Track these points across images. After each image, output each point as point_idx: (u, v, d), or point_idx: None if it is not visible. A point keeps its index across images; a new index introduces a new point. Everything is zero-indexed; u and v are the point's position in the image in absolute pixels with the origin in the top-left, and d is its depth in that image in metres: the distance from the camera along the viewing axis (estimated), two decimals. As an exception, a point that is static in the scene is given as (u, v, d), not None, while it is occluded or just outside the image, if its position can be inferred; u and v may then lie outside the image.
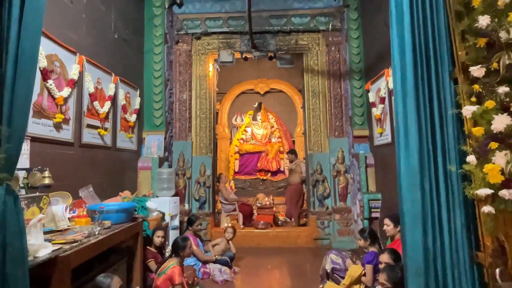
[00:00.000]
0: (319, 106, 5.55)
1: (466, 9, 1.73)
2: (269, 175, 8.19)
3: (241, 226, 5.93)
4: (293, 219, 6.09)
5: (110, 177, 4.14)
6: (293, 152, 6.62)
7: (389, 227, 3.07)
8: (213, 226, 5.58)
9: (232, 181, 8.07)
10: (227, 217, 6.14)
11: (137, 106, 4.91)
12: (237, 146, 8.59)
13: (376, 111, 4.56)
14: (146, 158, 5.06)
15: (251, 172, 8.29)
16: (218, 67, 5.97)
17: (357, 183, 4.98)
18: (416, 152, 1.71)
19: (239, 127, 8.97)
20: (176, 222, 4.68)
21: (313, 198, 5.42)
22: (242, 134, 8.80)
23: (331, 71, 5.54)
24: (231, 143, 8.85)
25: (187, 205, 5.38)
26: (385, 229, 3.11)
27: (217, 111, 8.52)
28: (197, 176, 5.49)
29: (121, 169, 4.50)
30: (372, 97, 4.71)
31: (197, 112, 5.66)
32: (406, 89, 1.73)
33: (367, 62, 5.14)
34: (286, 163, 8.15)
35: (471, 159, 1.66)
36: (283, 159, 8.38)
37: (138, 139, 5.00)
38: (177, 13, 5.59)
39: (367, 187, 4.85)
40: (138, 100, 4.95)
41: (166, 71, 5.35)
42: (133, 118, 4.74)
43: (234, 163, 8.49)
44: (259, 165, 8.20)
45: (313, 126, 5.54)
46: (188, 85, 5.65)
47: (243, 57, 5.53)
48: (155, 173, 4.88)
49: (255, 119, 8.83)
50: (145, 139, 5.16)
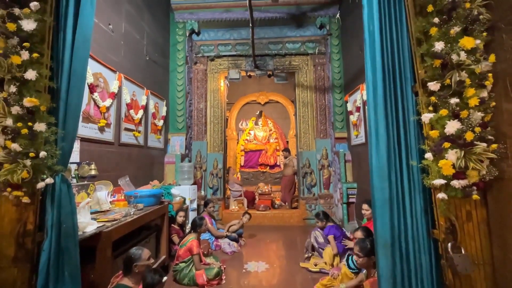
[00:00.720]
0: (308, 113, 5.54)
1: (425, 37, 1.73)
2: (268, 168, 8.18)
3: (246, 208, 5.93)
4: (287, 203, 6.08)
5: (142, 169, 4.16)
6: (287, 150, 6.61)
7: (368, 211, 3.05)
8: (223, 208, 5.58)
9: (238, 173, 8.06)
10: (235, 201, 6.15)
11: (164, 113, 4.92)
12: (243, 145, 8.58)
13: (353, 118, 4.55)
14: (171, 154, 5.08)
15: (253, 166, 8.28)
16: (228, 82, 5.97)
17: (338, 175, 4.97)
18: (384, 150, 1.71)
19: (244, 130, 8.95)
20: (194, 205, 4.70)
21: (303, 186, 5.41)
22: (246, 136, 8.79)
23: (317, 86, 5.53)
24: (238, 143, 8.85)
25: (203, 192, 5.38)
26: (364, 213, 3.10)
27: (227, 118, 8.52)
28: (211, 169, 5.49)
29: (151, 163, 4.53)
30: (350, 107, 4.69)
31: (211, 118, 5.66)
32: (377, 100, 1.72)
33: (346, 78, 5.12)
34: (281, 159, 8.13)
35: (429, 156, 1.66)
36: (279, 155, 8.37)
37: (164, 139, 5.02)
38: (196, 40, 5.60)
39: (345, 178, 4.84)
40: (164, 108, 4.96)
41: (186, 86, 5.35)
42: (160, 123, 4.75)
43: (240, 158, 8.48)
44: (260, 160, 8.19)
45: (303, 129, 5.53)
46: (204, 97, 5.65)
47: (248, 75, 5.53)
48: (178, 167, 4.90)
49: (257, 124, 8.82)
50: (170, 139, 5.17)
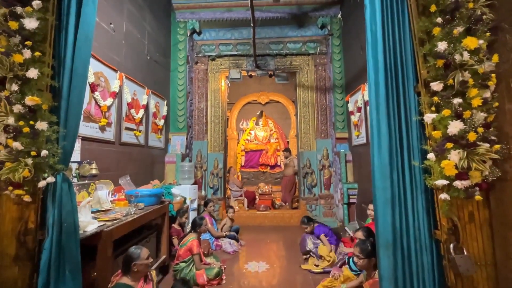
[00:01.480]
0: (309, 114, 5.53)
1: (427, 37, 1.72)
2: (269, 168, 8.18)
3: (246, 208, 5.93)
4: (287, 203, 6.08)
5: (143, 169, 4.17)
6: (287, 150, 6.61)
7: (373, 212, 3.06)
8: (224, 208, 5.58)
9: (239, 173, 8.06)
10: (235, 201, 6.15)
11: (165, 113, 4.92)
12: (243, 145, 8.59)
13: (354, 118, 4.55)
14: (171, 154, 5.08)
15: (254, 166, 8.29)
16: (228, 82, 5.96)
17: (338, 175, 4.97)
18: (386, 150, 1.71)
19: (245, 130, 8.95)
20: (195, 205, 4.70)
21: (303, 187, 5.41)
22: (247, 135, 8.79)
23: (318, 86, 5.53)
24: (238, 142, 8.85)
25: (203, 192, 5.38)
26: (370, 213, 3.11)
27: (228, 117, 8.52)
28: (211, 168, 5.49)
29: (152, 163, 4.53)
30: (351, 107, 4.69)
31: (211, 118, 5.66)
32: (379, 100, 1.72)
33: (347, 79, 5.12)
34: (282, 159, 8.13)
35: (431, 156, 1.65)
36: (279, 155, 8.37)
37: (165, 139, 5.02)
38: (197, 39, 5.60)
39: (346, 178, 4.84)
40: (165, 108, 4.96)
41: (187, 86, 5.35)
42: (161, 122, 4.75)
43: (241, 158, 8.49)
44: (260, 160, 8.20)
45: (303, 129, 5.52)
46: (205, 96, 5.65)
47: (249, 74, 5.53)
48: (179, 166, 4.89)
49: (257, 124, 8.82)
50: (170, 139, 5.17)
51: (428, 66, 1.73)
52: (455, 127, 1.61)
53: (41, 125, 1.62)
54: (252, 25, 4.18)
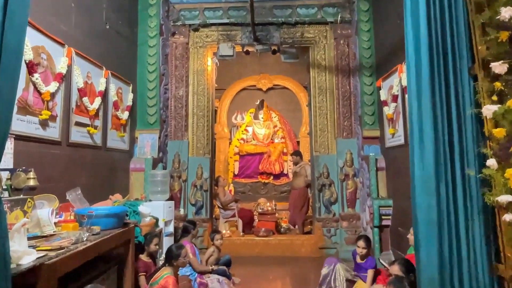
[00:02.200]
0: (326, 104, 5.54)
1: (487, 0, 1.72)
2: (272, 178, 8.19)
3: (241, 233, 5.93)
4: (297, 226, 6.08)
5: (99, 179, 4.14)
6: (297, 153, 6.61)
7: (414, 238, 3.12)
8: (210, 232, 5.56)
9: (231, 184, 8.07)
10: (226, 223, 6.14)
11: (130, 102, 4.91)
12: (237, 146, 8.59)
13: (388, 110, 4.55)
14: (138, 158, 5.06)
15: (252, 175, 8.29)
16: (217, 61, 5.97)
17: (367, 188, 4.97)
18: (431, 154, 1.70)
19: (240, 126, 8.97)
20: (170, 228, 4.67)
21: (319, 203, 5.41)
22: (242, 133, 8.80)
23: (340, 67, 5.53)
24: (230, 143, 8.85)
25: (182, 210, 5.37)
26: (410, 241, 3.12)
27: (216, 109, 8.52)
28: (193, 178, 5.48)
29: (112, 171, 4.50)
30: (383, 95, 4.70)
31: (194, 109, 5.66)
32: (421, 86, 1.72)
33: (378, 57, 5.13)
34: (290, 166, 8.14)
35: (492, 162, 1.65)
36: (286, 161, 8.38)
37: (130, 138, 5.00)
38: (174, 2, 5.60)
39: (377, 192, 4.84)
40: (130, 96, 4.95)
41: (161, 65, 5.35)
42: (125, 115, 4.74)
43: (233, 165, 8.49)
44: (260, 167, 8.20)
45: (319, 125, 5.53)
46: (184, 80, 5.65)
47: (244, 50, 5.53)
48: (148, 175, 4.88)
49: (256, 117, 8.83)
50: (137, 138, 5.16)
51: (487, 40, 1.74)
52: (524, 124, 1.61)
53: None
54: (249, -17, 4.19)
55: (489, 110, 1.66)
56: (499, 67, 1.64)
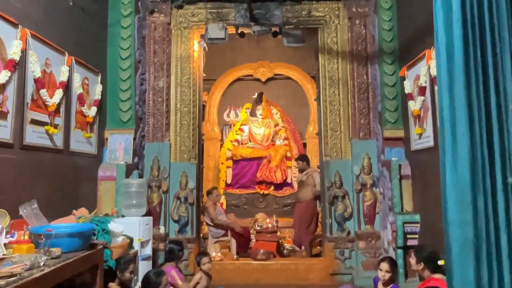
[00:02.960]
0: (339, 98, 5.55)
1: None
2: (272, 188, 8.18)
3: (235, 256, 5.91)
4: (303, 247, 6.07)
5: (61, 189, 4.12)
6: (303, 158, 6.61)
7: (412, 260, 3.25)
8: (196, 255, 5.54)
9: (223, 196, 8.05)
10: (216, 244, 6.12)
11: (98, 96, 4.90)
12: (230, 150, 8.58)
13: (413, 105, 4.56)
14: (109, 164, 5.04)
15: (248, 184, 8.27)
16: (205, 45, 5.95)
17: (388, 200, 4.97)
18: (466, 159, 1.70)
19: (233, 125, 8.96)
20: (147, 250, 4.66)
21: (330, 219, 5.40)
22: (236, 134, 8.79)
23: (355, 52, 5.54)
24: (222, 146, 8.84)
25: (162, 228, 5.35)
26: (412, 262, 3.19)
27: (204, 104, 8.50)
28: (176, 189, 5.47)
29: (76, 179, 4.48)
30: (408, 87, 4.70)
31: (177, 104, 5.65)
32: (453, 76, 1.72)
33: (402, 40, 5.14)
34: (294, 173, 8.13)
35: (540, 169, 1.65)
36: (290, 167, 8.37)
37: (98, 139, 4.99)
38: (152, -26, 5.61)
39: (401, 206, 4.84)
40: (99, 88, 4.94)
41: (136, 51, 5.34)
42: (92, 111, 4.73)
43: (225, 172, 8.48)
44: (258, 175, 8.19)
45: (330, 124, 5.53)
46: (165, 69, 5.64)
47: (239, 32, 5.53)
48: (121, 185, 4.86)
49: (254, 114, 8.83)
50: (108, 139, 5.14)
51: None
52: None
53: None
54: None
55: (537, 105, 1.67)
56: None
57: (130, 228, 4.27)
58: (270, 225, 6.43)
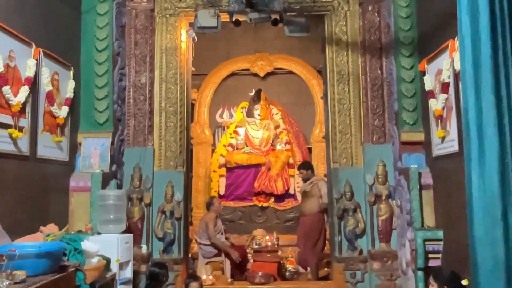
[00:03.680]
0: (349, 95, 5.55)
1: None
2: (272, 200, 8.18)
3: (229, 279, 5.89)
4: (308, 269, 6.05)
5: (26, 202, 4.09)
6: (307, 165, 6.61)
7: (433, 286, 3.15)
8: (184, 277, 5.53)
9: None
10: (207, 265, 6.11)
11: (70, 94, 4.89)
12: (224, 156, 8.57)
13: (435, 104, 4.56)
14: (82, 173, 5.03)
15: (244, 196, 8.27)
16: (194, 35, 5.95)
17: (407, 214, 4.95)
18: (495, 166, 1.69)
19: (227, 127, 8.96)
20: (127, 273, 4.64)
21: (339, 236, 5.40)
22: (231, 137, 8.79)
23: (367, 43, 5.56)
24: (214, 151, 8.83)
25: (145, 247, 5.33)
26: None
27: (194, 102, 8.52)
28: (161, 201, 5.46)
29: (44, 190, 4.47)
30: (429, 83, 4.70)
31: (162, 103, 5.65)
32: (479, 71, 1.71)
33: (422, 29, 5.15)
34: (298, 183, 8.12)
35: None
36: (293, 176, 8.36)
37: (70, 144, 4.98)
38: (133, -48, 5.63)
39: (421, 221, 4.82)
40: (71, 84, 4.93)
41: (115, 41, 5.33)
42: (63, 112, 4.72)
43: (218, 182, 8.47)
44: (256, 185, 8.20)
45: (339, 126, 5.53)
46: (148, 62, 5.65)
47: (233, 20, 5.52)
48: (96, 197, 4.84)
49: (251, 115, 8.84)
50: (81, 144, 5.12)
51: None
52: None
53: None
54: None
55: None
56: None
57: (107, 247, 4.25)
58: (270, 243, 6.42)
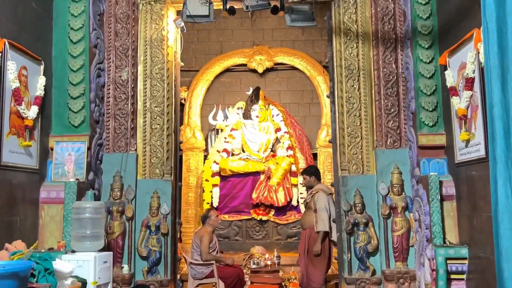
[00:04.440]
0: (359, 94, 5.54)
1: None
2: (273, 213, 8.15)
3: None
4: (314, 291, 6.04)
5: (-11, 216, 4.08)
6: (311, 171, 6.55)
7: None
8: (172, 304, 5.51)
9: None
10: (198, 287, 6.07)
11: (41, 91, 4.88)
12: (217, 163, 8.55)
13: (458, 103, 4.55)
14: (54, 183, 5.02)
15: (240, 208, 8.26)
16: (183, 25, 5.96)
17: (426, 229, 4.93)
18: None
19: (221, 130, 8.94)
20: (106, 297, 4.63)
21: (349, 254, 5.37)
22: (225, 142, 8.77)
23: (380, 33, 5.56)
24: (206, 157, 8.81)
25: (126, 267, 5.31)
26: None
27: (183, 102, 8.51)
28: (145, 215, 5.44)
29: (10, 203, 4.44)
30: (451, 78, 4.70)
31: (146, 103, 5.64)
32: (506, 60, 1.70)
33: (443, 17, 5.15)
34: (302, 193, 8.10)
35: None
36: (296, 185, 8.34)
37: (41, 149, 4.97)
38: None
39: (443, 236, 4.81)
40: (42, 81, 4.92)
41: (92, 32, 5.34)
42: (32, 112, 4.71)
43: (211, 192, 8.44)
44: (254, 196, 8.17)
45: (348, 128, 5.52)
46: (131, 56, 5.64)
47: (228, 8, 5.53)
48: (71, 210, 4.82)
49: (248, 116, 8.83)
50: (53, 150, 5.12)
51: None
52: None
53: None
54: None
55: None
56: None
57: (82, 267, 4.25)
58: (269, 262, 6.42)
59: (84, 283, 4.09)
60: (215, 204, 8.31)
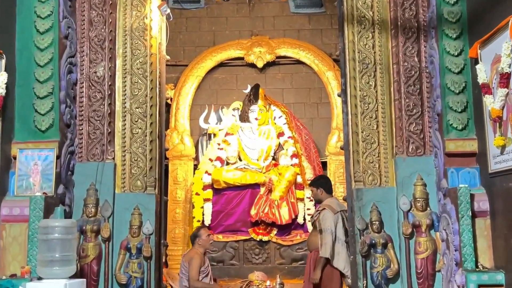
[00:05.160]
0: (376, 92, 5.54)
1: None
2: (275, 233, 8.14)
3: None
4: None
5: None
6: (320, 182, 6.53)
7: None
8: None
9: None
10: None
11: (2, 90, 4.86)
12: (210, 173, 8.54)
13: (492, 102, 4.54)
14: (17, 198, 5.02)
15: (237, 227, 8.28)
16: (169, 12, 5.96)
17: (455, 251, 4.92)
18: None
19: (214, 135, 8.94)
20: (78, 332, 4.60)
21: (365, 281, 5.35)
22: (219, 149, 8.78)
23: (400, 21, 5.57)
24: (197, 167, 8.81)
25: (102, 296, 5.29)
26: None
27: (169, 102, 8.51)
28: (124, 235, 5.43)
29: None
30: (483, 74, 4.69)
31: (126, 103, 5.65)
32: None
33: (473, 2, 5.16)
34: (309, 209, 8.10)
35: None
36: (302, 200, 8.33)
37: (1, 158, 4.97)
38: None
39: (475, 260, 4.79)
40: (3, 78, 4.91)
41: (62, 20, 5.35)
42: (-9, 115, 4.70)
43: (202, 208, 8.43)
44: (253, 212, 8.17)
45: (363, 132, 5.51)
46: (107, 48, 5.65)
47: (221, -8, 5.55)
48: (37, 230, 4.80)
49: (245, 118, 8.84)
50: (16, 159, 5.11)
51: None
52: None
53: None
54: None
55: None
56: None
57: (50, 297, 4.22)
58: (270, 288, 6.39)
59: (52, 316, 4.08)
60: (207, 222, 8.32)
